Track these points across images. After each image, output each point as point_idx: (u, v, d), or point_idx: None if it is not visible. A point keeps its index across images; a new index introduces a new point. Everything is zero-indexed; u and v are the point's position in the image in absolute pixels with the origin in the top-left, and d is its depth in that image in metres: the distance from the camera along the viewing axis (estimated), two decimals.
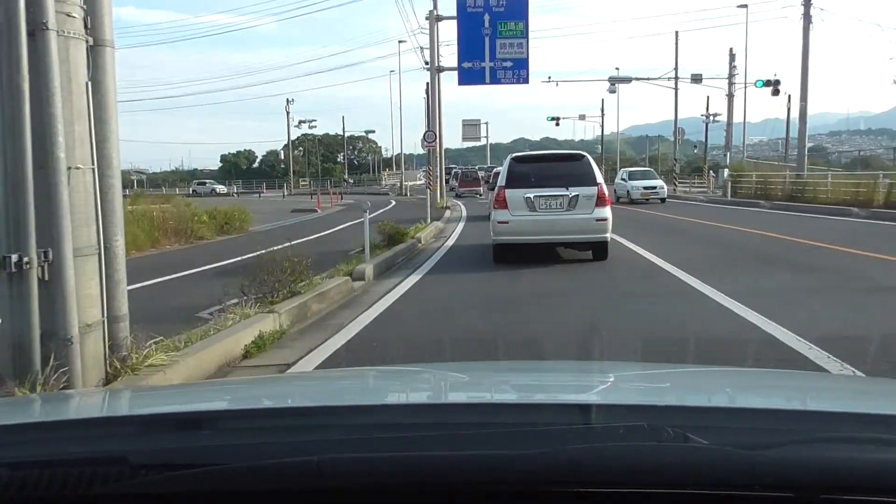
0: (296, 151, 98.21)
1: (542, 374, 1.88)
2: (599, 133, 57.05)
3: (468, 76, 26.46)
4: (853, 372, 4.07)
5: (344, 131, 77.85)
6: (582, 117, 58.02)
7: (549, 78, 38.77)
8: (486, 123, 56.56)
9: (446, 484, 0.88)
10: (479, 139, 53.36)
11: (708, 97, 47.45)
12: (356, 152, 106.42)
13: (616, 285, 8.27)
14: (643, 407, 1.19)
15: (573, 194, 9.49)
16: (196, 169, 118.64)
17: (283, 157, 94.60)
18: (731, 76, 31.94)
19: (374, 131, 65.69)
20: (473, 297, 7.74)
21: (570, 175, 9.68)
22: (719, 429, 0.96)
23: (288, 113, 54.56)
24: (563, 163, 10.26)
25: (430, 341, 5.59)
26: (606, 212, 9.56)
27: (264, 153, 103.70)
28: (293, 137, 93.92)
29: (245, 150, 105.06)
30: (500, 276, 9.08)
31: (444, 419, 1.09)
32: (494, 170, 25.45)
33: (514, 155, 10.68)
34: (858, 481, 0.84)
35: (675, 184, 32.90)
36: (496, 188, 10.21)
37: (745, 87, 32.26)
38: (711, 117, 45.23)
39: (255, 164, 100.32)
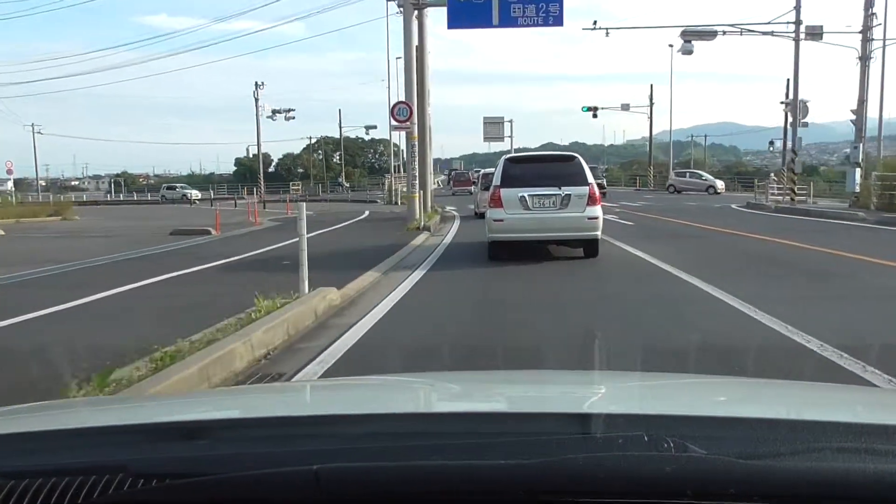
0: (315, 154, 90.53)
1: (540, 384, 1.86)
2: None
3: (464, 14, 16.29)
4: None
5: (340, 129, 69.35)
6: (625, 107, 48.65)
7: (595, 24, 24.85)
8: (511, 122, 47.12)
9: (445, 494, 0.87)
10: (502, 139, 46.03)
11: (788, 80, 37.17)
12: (377, 155, 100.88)
13: None
14: (642, 417, 1.17)
15: (565, 193, 9.81)
16: (213, 172, 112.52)
17: (300, 160, 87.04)
18: (866, 28, 21.13)
19: (375, 126, 55.96)
20: None
21: (563, 175, 9.99)
22: (719, 439, 0.94)
23: (257, 100, 42.93)
24: (555, 163, 10.58)
25: None
26: (597, 210, 9.88)
27: (281, 156, 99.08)
28: (311, 139, 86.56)
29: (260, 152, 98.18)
30: None
31: (443, 429, 1.10)
32: (482, 171, 25.12)
33: (509, 156, 11.38)
34: (857, 492, 0.84)
35: (793, 192, 22.29)
36: (491, 188, 10.40)
37: (884, 47, 21.23)
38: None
39: (271, 168, 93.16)
